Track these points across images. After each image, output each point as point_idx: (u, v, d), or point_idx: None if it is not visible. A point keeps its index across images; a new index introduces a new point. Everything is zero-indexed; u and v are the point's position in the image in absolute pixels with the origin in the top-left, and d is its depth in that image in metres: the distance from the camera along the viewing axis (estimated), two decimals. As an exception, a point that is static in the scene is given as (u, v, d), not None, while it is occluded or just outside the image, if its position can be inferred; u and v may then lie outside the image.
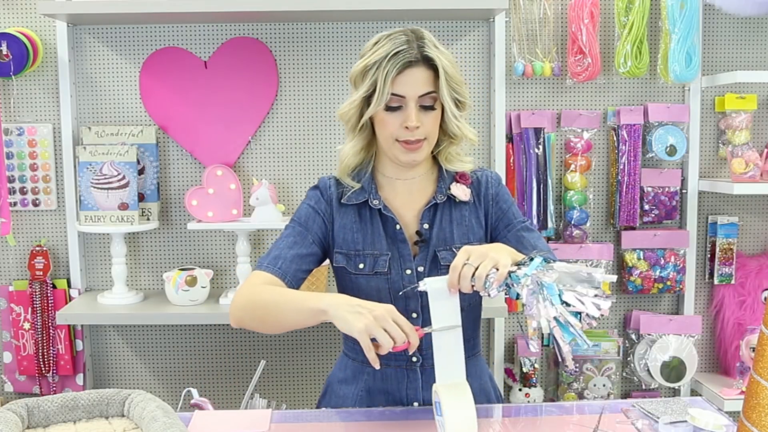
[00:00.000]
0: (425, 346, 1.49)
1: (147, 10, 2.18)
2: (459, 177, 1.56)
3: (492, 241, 1.57)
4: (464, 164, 1.57)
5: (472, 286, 1.27)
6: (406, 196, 1.56)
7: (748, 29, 2.50)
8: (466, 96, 1.50)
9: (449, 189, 1.55)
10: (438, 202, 1.54)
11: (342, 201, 1.54)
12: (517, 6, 2.42)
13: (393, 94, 1.43)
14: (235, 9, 2.18)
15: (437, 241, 1.52)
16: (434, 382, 1.50)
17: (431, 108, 1.46)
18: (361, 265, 1.52)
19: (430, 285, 1.30)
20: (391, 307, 1.27)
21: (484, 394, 1.59)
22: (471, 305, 1.55)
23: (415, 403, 1.54)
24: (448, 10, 2.25)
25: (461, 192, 1.55)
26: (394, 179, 1.56)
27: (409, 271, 1.51)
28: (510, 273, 1.26)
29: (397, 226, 1.52)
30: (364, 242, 1.53)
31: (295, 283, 1.50)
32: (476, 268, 1.27)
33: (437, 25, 2.41)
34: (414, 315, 1.51)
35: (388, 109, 1.45)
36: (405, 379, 1.53)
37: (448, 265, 1.48)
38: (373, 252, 1.52)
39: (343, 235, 1.54)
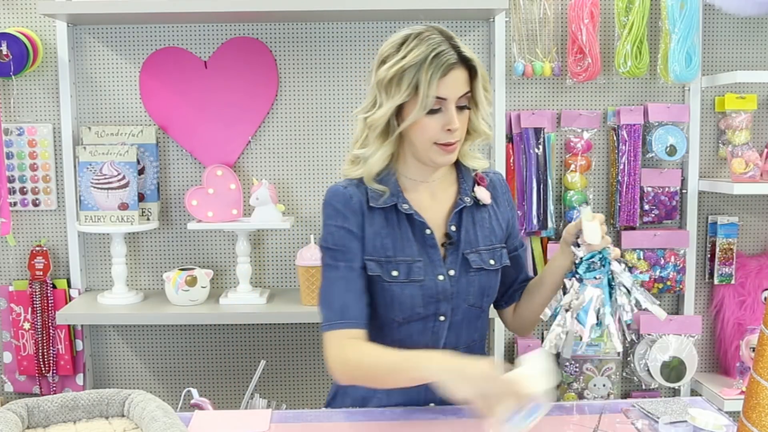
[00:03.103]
0: (446, 348, 1.50)
1: (147, 10, 2.18)
2: (479, 180, 1.56)
3: (505, 236, 1.61)
4: (479, 161, 1.57)
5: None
6: (430, 199, 1.53)
7: (748, 29, 2.50)
8: (491, 91, 1.52)
9: (473, 191, 1.54)
10: (467, 205, 1.53)
11: (370, 205, 1.48)
12: (517, 6, 2.42)
13: (436, 98, 1.40)
14: (235, 9, 2.18)
15: (464, 244, 1.51)
16: None
17: (466, 108, 1.45)
18: (395, 273, 1.47)
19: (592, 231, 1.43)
20: (488, 367, 1.25)
21: None
22: (488, 306, 1.58)
23: (432, 404, 1.53)
24: (448, 10, 2.25)
25: (485, 195, 1.54)
26: (418, 182, 1.53)
27: (441, 277, 1.49)
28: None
29: (428, 231, 1.49)
30: (394, 248, 1.47)
31: (367, 318, 1.46)
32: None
33: (437, 25, 2.41)
34: (442, 318, 1.50)
35: (429, 112, 1.41)
36: None
37: (479, 268, 1.51)
38: (406, 259, 1.47)
39: (374, 243, 1.47)
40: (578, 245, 1.46)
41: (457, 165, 1.57)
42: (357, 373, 1.42)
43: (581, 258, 1.44)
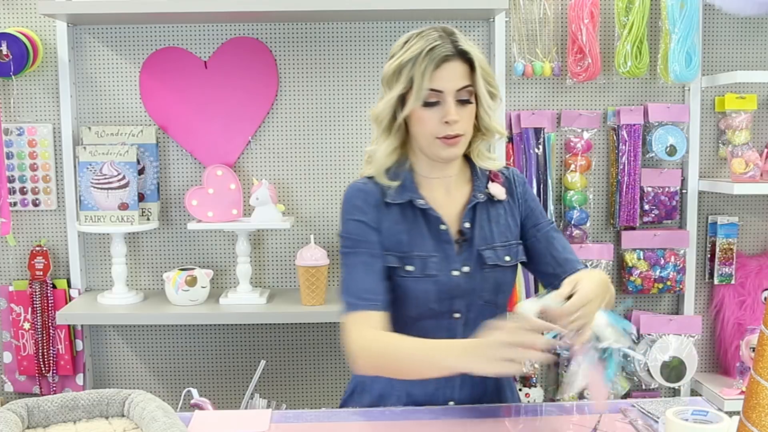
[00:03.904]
0: None
1: (147, 10, 2.18)
2: (493, 176, 1.57)
3: (521, 237, 1.58)
4: (493, 162, 1.58)
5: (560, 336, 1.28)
6: (445, 195, 1.54)
7: (748, 29, 2.50)
8: (497, 87, 1.50)
9: (487, 188, 1.55)
10: (480, 201, 1.54)
11: (386, 201, 1.51)
12: (517, 6, 2.42)
13: (431, 90, 1.42)
14: (235, 9, 2.18)
15: (479, 241, 1.52)
16: (471, 379, 1.48)
17: (468, 102, 1.46)
18: (410, 268, 1.49)
19: (527, 308, 1.27)
20: (500, 336, 1.24)
21: (503, 389, 1.61)
22: (504, 303, 1.57)
23: (451, 402, 1.53)
24: (448, 10, 2.25)
25: (499, 191, 1.55)
26: (430, 178, 1.54)
27: (456, 273, 1.50)
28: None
29: (442, 227, 1.51)
30: (410, 243, 1.50)
31: (385, 301, 1.46)
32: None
33: (446, 25, 2.41)
34: (456, 315, 1.51)
35: (426, 105, 1.44)
36: (443, 379, 1.50)
37: (494, 265, 1.51)
38: (421, 254, 1.49)
39: (390, 237, 1.50)
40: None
41: (472, 163, 1.58)
42: (380, 362, 1.41)
43: None
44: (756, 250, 2.58)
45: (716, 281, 2.52)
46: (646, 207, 2.48)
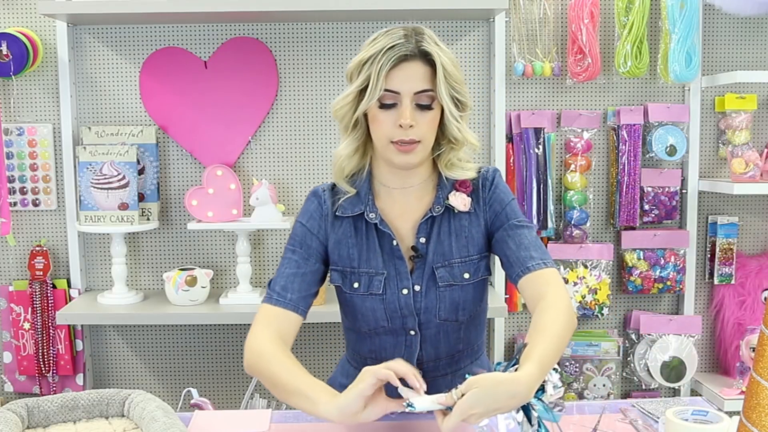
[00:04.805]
0: (425, 360, 1.49)
1: (147, 10, 2.18)
2: (459, 185, 1.46)
3: (489, 242, 1.49)
4: (465, 171, 1.46)
5: None
6: (403, 207, 1.46)
7: (748, 29, 2.50)
8: (466, 96, 1.41)
9: (447, 199, 1.45)
10: (435, 214, 1.44)
11: (336, 213, 1.46)
12: (517, 6, 2.42)
13: (387, 90, 1.34)
14: (235, 9, 2.18)
15: (435, 257, 1.44)
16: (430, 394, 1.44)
17: (428, 107, 1.36)
18: (356, 285, 1.46)
19: (419, 407, 1.22)
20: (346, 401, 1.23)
21: None
22: (472, 317, 1.51)
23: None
24: (448, 10, 2.25)
25: (460, 202, 1.45)
26: (392, 188, 1.47)
27: (405, 291, 1.44)
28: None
29: (394, 242, 1.44)
30: (359, 259, 1.45)
31: (305, 308, 1.45)
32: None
33: (437, 25, 2.41)
34: (412, 332, 1.47)
35: (382, 106, 1.36)
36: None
37: (447, 285, 1.44)
38: (369, 270, 1.45)
39: (339, 252, 1.47)
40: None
41: (440, 172, 1.48)
42: (258, 371, 1.38)
43: None
44: (756, 250, 2.59)
45: (716, 281, 2.52)
46: (646, 207, 2.48)
